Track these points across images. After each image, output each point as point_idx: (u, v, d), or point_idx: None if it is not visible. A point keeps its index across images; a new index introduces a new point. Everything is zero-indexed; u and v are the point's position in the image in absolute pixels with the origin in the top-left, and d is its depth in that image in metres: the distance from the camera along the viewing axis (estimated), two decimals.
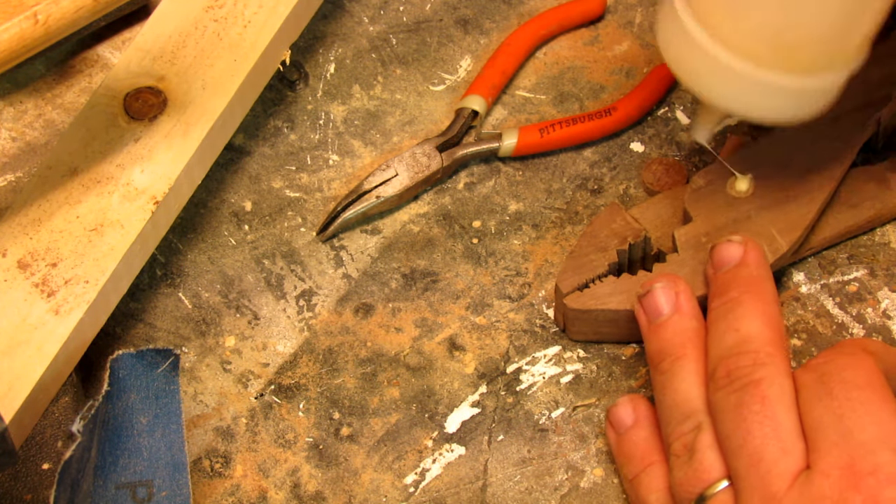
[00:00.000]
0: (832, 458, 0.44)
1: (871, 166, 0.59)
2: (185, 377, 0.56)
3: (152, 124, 0.56)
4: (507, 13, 0.67)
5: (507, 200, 0.61)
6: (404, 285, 0.59)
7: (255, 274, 0.59)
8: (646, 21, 0.66)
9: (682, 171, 0.61)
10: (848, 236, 0.58)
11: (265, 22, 0.58)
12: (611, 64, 0.65)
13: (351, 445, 0.55)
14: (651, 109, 0.63)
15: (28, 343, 0.50)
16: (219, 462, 0.54)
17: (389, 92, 0.64)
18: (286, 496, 0.53)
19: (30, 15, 0.46)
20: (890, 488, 0.43)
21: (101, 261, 0.52)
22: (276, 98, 0.64)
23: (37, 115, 0.62)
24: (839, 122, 0.58)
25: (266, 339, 0.57)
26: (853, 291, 0.58)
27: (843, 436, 0.45)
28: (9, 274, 0.52)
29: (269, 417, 0.55)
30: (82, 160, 0.55)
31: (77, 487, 0.47)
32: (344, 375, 0.56)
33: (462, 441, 0.55)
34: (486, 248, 0.60)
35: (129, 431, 0.48)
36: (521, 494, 0.53)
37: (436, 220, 0.60)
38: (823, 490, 0.44)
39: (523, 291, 0.58)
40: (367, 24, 0.66)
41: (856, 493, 0.43)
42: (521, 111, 0.64)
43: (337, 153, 0.62)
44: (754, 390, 0.47)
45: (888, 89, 0.59)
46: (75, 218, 0.53)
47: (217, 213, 0.61)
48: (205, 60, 0.57)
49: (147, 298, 0.58)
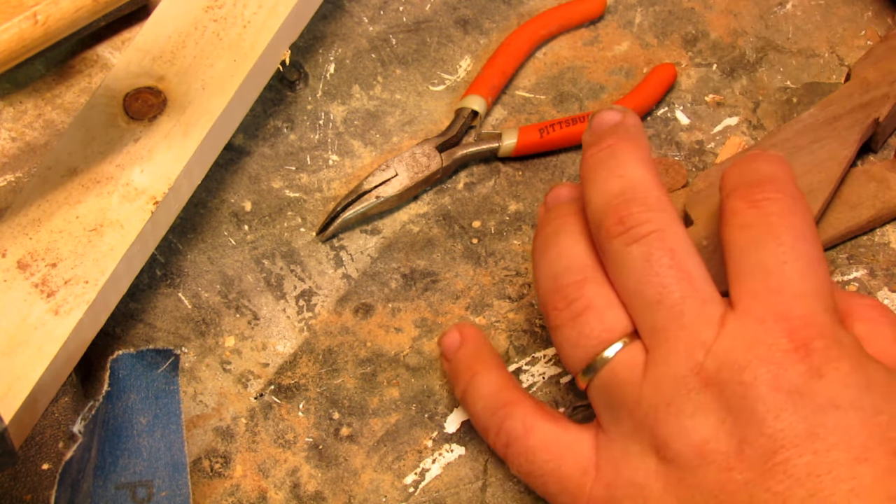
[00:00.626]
0: (768, 305, 0.44)
1: (871, 166, 0.59)
2: (185, 377, 0.56)
3: (152, 124, 0.56)
4: (507, 13, 0.67)
5: (507, 200, 0.61)
6: (404, 285, 0.59)
7: (255, 274, 0.59)
8: (646, 21, 0.66)
9: (682, 171, 0.61)
10: (848, 236, 0.59)
11: (265, 22, 0.58)
12: (611, 64, 0.65)
13: (351, 445, 0.55)
14: (651, 109, 0.63)
15: (28, 343, 0.50)
16: (218, 462, 0.54)
17: (389, 92, 0.64)
18: (286, 496, 0.53)
19: (29, 15, 0.46)
20: (820, 340, 0.44)
21: (101, 261, 0.52)
22: (275, 98, 0.64)
23: (36, 116, 0.62)
24: (839, 122, 0.58)
25: (266, 339, 0.57)
26: (853, 291, 0.58)
27: (784, 283, 0.45)
28: (8, 274, 0.52)
29: (268, 417, 0.55)
30: (82, 160, 0.55)
31: (77, 488, 0.47)
32: (344, 375, 0.56)
33: (462, 441, 0.55)
34: (486, 249, 0.60)
35: (128, 431, 0.48)
36: (520, 494, 0.53)
37: (435, 220, 0.60)
38: (758, 335, 0.44)
39: (523, 291, 0.58)
40: (367, 24, 0.66)
41: (789, 339, 0.44)
42: (520, 111, 0.64)
43: (337, 153, 0.62)
44: (658, 242, 0.46)
45: (887, 89, 0.59)
46: (75, 218, 0.53)
47: (217, 213, 0.61)
48: (204, 60, 0.57)
49: (147, 298, 0.58)
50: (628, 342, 0.46)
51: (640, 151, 0.48)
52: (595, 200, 0.48)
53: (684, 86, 0.64)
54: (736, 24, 0.66)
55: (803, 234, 0.45)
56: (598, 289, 0.47)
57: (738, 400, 0.43)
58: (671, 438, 0.45)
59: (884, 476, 0.42)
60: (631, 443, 0.46)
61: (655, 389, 0.45)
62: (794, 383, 0.43)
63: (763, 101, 0.64)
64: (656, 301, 0.46)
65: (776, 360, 0.43)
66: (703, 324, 0.45)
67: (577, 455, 0.48)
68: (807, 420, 0.43)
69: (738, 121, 0.63)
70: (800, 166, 0.57)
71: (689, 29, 0.66)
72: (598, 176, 0.48)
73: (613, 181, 0.47)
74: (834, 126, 0.58)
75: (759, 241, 0.45)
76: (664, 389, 0.45)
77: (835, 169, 0.57)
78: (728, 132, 0.63)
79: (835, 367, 0.43)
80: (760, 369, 0.43)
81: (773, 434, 0.43)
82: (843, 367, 0.44)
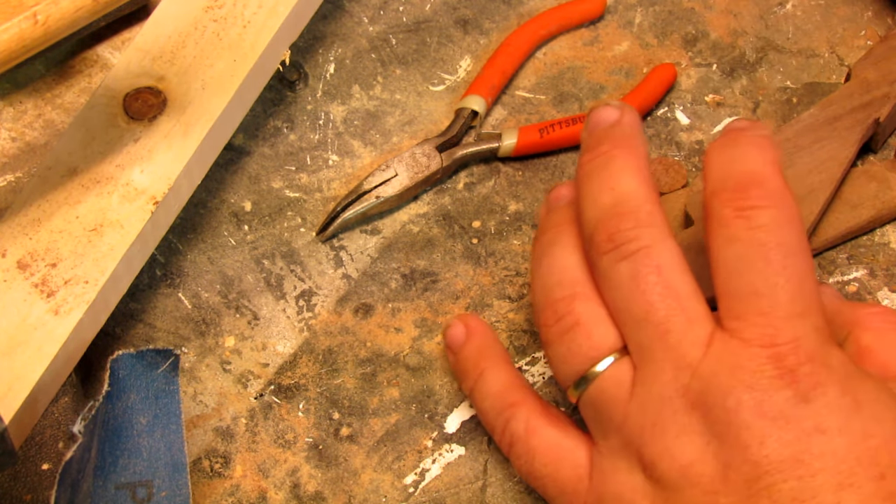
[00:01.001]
0: (755, 328, 0.44)
1: (871, 166, 0.59)
2: (185, 377, 0.56)
3: (152, 124, 0.56)
4: (507, 13, 0.67)
5: (507, 200, 0.61)
6: (404, 285, 0.59)
7: (255, 274, 0.59)
8: (646, 21, 0.66)
9: (682, 171, 0.60)
10: (849, 237, 0.59)
11: (265, 22, 0.58)
12: (610, 64, 0.65)
13: (351, 445, 0.55)
14: (651, 109, 0.63)
15: (28, 343, 0.50)
16: (218, 462, 0.54)
17: (389, 92, 0.64)
18: (286, 496, 0.53)
19: (29, 15, 0.46)
20: (808, 365, 0.43)
21: (101, 261, 0.52)
22: (275, 98, 0.64)
23: (36, 116, 0.62)
24: (839, 122, 0.58)
25: (266, 339, 0.57)
26: (853, 292, 0.58)
27: (773, 306, 0.44)
28: (8, 274, 0.52)
29: (268, 417, 0.55)
30: (82, 160, 0.55)
31: (77, 488, 0.47)
32: (344, 376, 0.56)
33: (462, 441, 0.55)
34: (486, 249, 0.60)
35: (128, 432, 0.48)
36: (520, 495, 0.53)
37: (435, 220, 0.60)
38: (742, 360, 0.44)
39: (523, 291, 0.58)
40: (367, 24, 0.66)
41: (774, 366, 0.43)
42: (520, 111, 0.64)
43: (337, 153, 0.62)
44: (646, 259, 0.45)
45: (887, 89, 0.59)
46: (75, 218, 0.53)
47: (217, 214, 0.61)
48: (204, 60, 0.57)
49: (147, 298, 0.58)
50: (618, 358, 0.46)
51: (635, 159, 0.47)
52: (588, 213, 0.47)
53: (684, 86, 0.64)
54: (736, 24, 0.66)
55: (793, 249, 0.44)
56: (587, 305, 0.47)
57: (723, 425, 0.43)
58: (657, 458, 0.44)
59: (869, 501, 0.42)
60: (619, 458, 0.46)
61: (641, 409, 0.45)
62: (780, 409, 0.43)
63: (763, 101, 0.64)
64: (643, 318, 0.45)
65: (761, 387, 0.43)
66: (689, 344, 0.44)
67: (574, 462, 0.48)
68: (791, 446, 0.42)
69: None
70: (800, 167, 0.57)
71: (689, 29, 0.66)
72: (591, 186, 0.48)
73: (605, 194, 0.47)
74: (834, 126, 0.58)
75: (748, 259, 0.44)
76: (650, 409, 0.45)
77: (835, 169, 0.57)
78: None
79: (822, 392, 0.43)
80: (744, 395, 0.43)
81: (757, 460, 0.43)
82: (831, 392, 0.43)
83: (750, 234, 0.45)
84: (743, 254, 0.45)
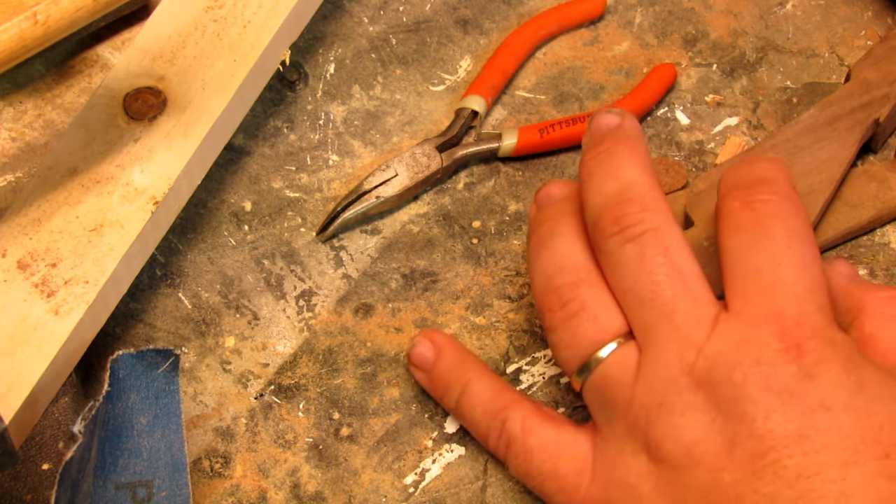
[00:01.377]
0: (761, 306, 0.44)
1: (872, 166, 0.59)
2: (185, 377, 0.56)
3: (152, 124, 0.56)
4: (507, 13, 0.67)
5: (507, 200, 0.61)
6: (404, 285, 0.59)
7: (255, 274, 0.59)
8: (646, 21, 0.66)
9: (682, 171, 0.61)
10: (849, 237, 0.59)
11: (265, 22, 0.58)
12: (611, 64, 0.65)
13: (351, 445, 0.55)
14: (651, 110, 0.63)
15: (28, 343, 0.50)
16: (218, 462, 0.54)
17: (389, 92, 0.64)
18: (286, 496, 0.53)
19: (29, 15, 0.46)
20: (813, 340, 0.43)
21: (101, 261, 0.52)
22: (275, 98, 0.64)
23: (36, 116, 0.62)
24: (839, 122, 0.58)
25: (266, 339, 0.57)
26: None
27: (776, 283, 0.44)
28: (8, 274, 0.52)
29: (268, 417, 0.55)
30: (82, 160, 0.55)
31: (77, 488, 0.47)
32: (344, 376, 0.56)
33: (462, 441, 0.55)
34: (486, 249, 0.60)
35: (128, 432, 0.48)
36: (520, 494, 0.53)
37: (435, 220, 0.60)
38: (749, 335, 0.44)
39: (523, 291, 0.58)
40: (367, 24, 0.66)
41: (780, 339, 0.43)
42: (520, 111, 0.64)
43: (337, 153, 0.62)
44: (653, 241, 0.46)
45: (887, 89, 0.59)
46: (75, 218, 0.53)
47: (217, 214, 0.60)
48: (204, 60, 0.57)
49: (147, 298, 0.58)
50: (622, 342, 0.46)
51: (637, 154, 0.48)
52: (592, 202, 0.48)
53: (684, 86, 0.64)
54: (736, 24, 0.66)
55: (798, 234, 0.45)
56: (592, 290, 0.47)
57: (729, 400, 0.43)
58: (662, 438, 0.45)
59: (874, 478, 0.42)
60: (624, 443, 0.46)
61: (647, 389, 0.45)
62: (785, 384, 0.43)
63: (763, 101, 0.64)
64: (648, 299, 0.46)
65: (767, 361, 0.43)
66: (695, 324, 0.45)
67: (574, 455, 0.48)
68: (797, 421, 0.43)
69: (738, 121, 0.63)
70: (800, 167, 0.57)
71: (689, 29, 0.66)
72: (595, 178, 0.48)
73: (610, 182, 0.48)
74: (834, 126, 0.58)
75: (753, 242, 0.45)
76: (656, 389, 0.45)
77: (835, 169, 0.57)
78: (728, 132, 0.63)
79: (826, 368, 0.43)
80: (751, 370, 0.43)
81: (762, 435, 0.43)
82: (835, 368, 0.43)
83: (756, 220, 0.45)
84: (748, 238, 0.45)
